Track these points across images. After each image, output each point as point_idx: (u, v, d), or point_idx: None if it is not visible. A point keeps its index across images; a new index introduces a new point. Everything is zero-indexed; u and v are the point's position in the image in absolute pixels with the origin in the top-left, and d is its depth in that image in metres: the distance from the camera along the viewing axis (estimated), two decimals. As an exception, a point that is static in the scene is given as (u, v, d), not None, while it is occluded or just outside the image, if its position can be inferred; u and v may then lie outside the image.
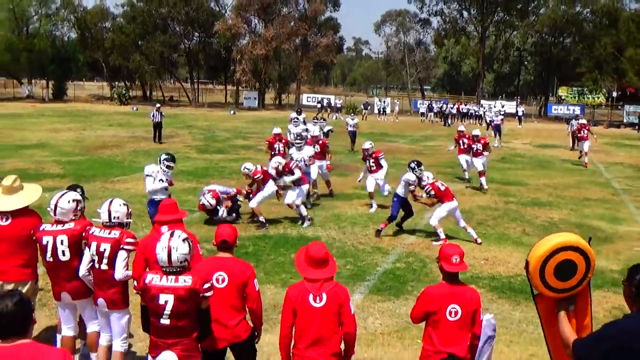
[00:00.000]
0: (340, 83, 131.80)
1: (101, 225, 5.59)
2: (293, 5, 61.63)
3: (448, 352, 4.54)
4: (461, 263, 4.65)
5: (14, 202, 5.86)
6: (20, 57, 61.57)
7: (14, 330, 3.05)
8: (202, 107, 57.05)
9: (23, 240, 5.84)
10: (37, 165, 18.46)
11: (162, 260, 4.31)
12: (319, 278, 4.45)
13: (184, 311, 4.29)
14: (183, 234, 4.44)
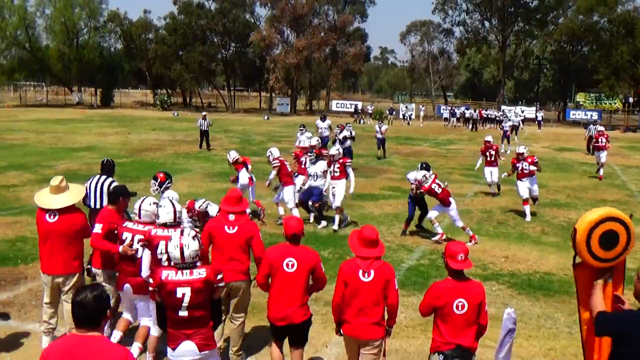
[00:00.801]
0: (367, 90, 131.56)
1: (163, 225, 5.69)
2: (323, 16, 61.86)
3: (456, 343, 4.57)
4: (466, 260, 4.66)
5: (61, 201, 6.02)
6: (71, 66, 62.85)
7: (89, 321, 3.09)
8: (237, 113, 57.44)
9: (70, 236, 6.03)
10: (86, 166, 18.77)
11: (175, 257, 4.41)
12: (369, 256, 4.78)
13: (200, 302, 4.38)
14: (192, 232, 4.54)
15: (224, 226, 5.73)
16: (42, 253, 6.11)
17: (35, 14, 62.97)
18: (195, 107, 64.21)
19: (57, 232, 5.98)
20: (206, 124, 24.57)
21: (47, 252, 6.03)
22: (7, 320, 6.96)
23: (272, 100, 63.64)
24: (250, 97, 76.58)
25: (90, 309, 3.08)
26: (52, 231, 5.98)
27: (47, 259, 6.05)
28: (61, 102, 64.65)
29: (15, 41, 61.07)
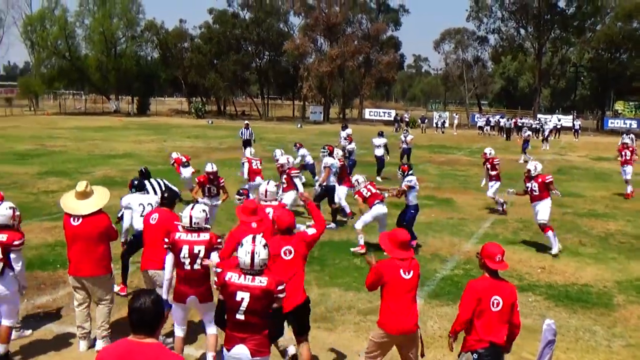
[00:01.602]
0: (400, 98, 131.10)
1: (184, 229, 5.72)
2: (357, 25, 62.00)
3: (489, 340, 4.67)
4: (503, 261, 4.81)
5: (87, 206, 6.18)
6: (109, 75, 64.15)
7: (147, 327, 3.09)
8: (271, 121, 57.80)
9: (95, 238, 6.17)
10: (123, 173, 19.08)
11: (244, 263, 4.45)
12: (407, 257, 5.17)
13: (257, 309, 4.41)
14: (263, 240, 4.58)
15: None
16: (69, 256, 6.28)
17: (75, 24, 64.65)
18: (229, 115, 64.87)
19: (82, 235, 6.13)
20: (248, 133, 24.48)
21: (74, 255, 6.19)
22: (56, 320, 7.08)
23: (305, 108, 63.90)
24: (283, 105, 77.03)
25: (150, 314, 3.08)
26: (78, 234, 6.14)
27: (74, 262, 6.21)
28: (99, 110, 65.99)
29: (56, 51, 62.66)
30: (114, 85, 66.32)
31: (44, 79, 63.47)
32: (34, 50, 64.91)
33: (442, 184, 18.87)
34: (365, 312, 7.61)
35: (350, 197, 12.45)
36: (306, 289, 8.19)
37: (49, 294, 8.07)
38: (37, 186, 16.40)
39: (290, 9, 62.05)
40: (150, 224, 6.29)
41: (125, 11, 63.78)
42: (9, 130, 35.82)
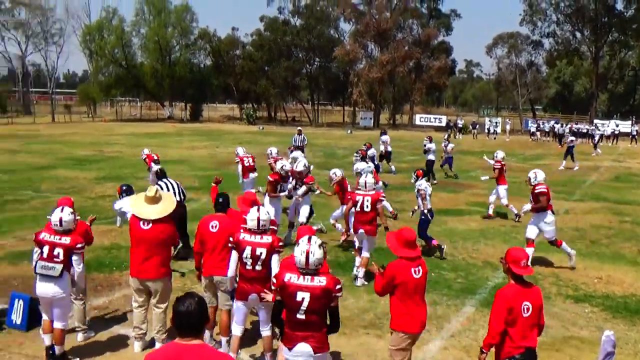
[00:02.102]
0: (452, 104, 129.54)
1: (248, 231, 5.86)
2: (407, 30, 61.67)
3: (525, 345, 4.72)
4: (528, 266, 4.86)
5: (158, 211, 6.40)
6: (163, 83, 65.67)
7: (194, 329, 3.15)
8: (321, 127, 58.01)
9: (161, 242, 6.41)
10: (176, 178, 19.38)
11: (300, 262, 4.54)
12: (414, 256, 5.27)
13: (317, 308, 4.50)
14: (318, 240, 4.66)
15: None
16: (133, 258, 6.46)
17: (131, 33, 66.51)
18: (280, 121, 65.43)
19: (149, 239, 6.34)
20: (300, 139, 24.57)
21: (138, 258, 6.38)
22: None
23: (355, 114, 63.89)
24: (333, 111, 77.19)
25: (196, 316, 3.14)
26: (145, 238, 6.35)
27: (138, 265, 6.39)
28: (153, 116, 67.63)
29: (113, 59, 64.58)
30: (168, 92, 67.83)
31: (102, 86, 65.49)
32: (93, 59, 67.00)
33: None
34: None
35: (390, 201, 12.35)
36: (355, 296, 8.20)
37: (105, 295, 8.30)
38: (94, 191, 16.90)
39: (341, 15, 62.17)
40: (211, 232, 6.38)
41: (179, 20, 65.22)
42: (69, 137, 37.08)
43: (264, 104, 71.68)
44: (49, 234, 6.05)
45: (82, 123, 54.76)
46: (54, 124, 53.46)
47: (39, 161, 23.80)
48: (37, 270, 5.99)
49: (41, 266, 5.96)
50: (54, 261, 5.95)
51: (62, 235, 6.05)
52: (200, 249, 6.52)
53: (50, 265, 5.94)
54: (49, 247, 5.97)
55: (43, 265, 5.95)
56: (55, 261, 5.94)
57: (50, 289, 5.97)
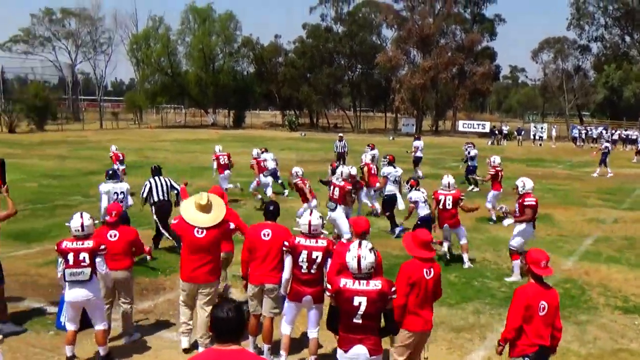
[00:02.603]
0: (496, 110, 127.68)
1: (303, 235, 5.98)
2: (450, 36, 61.09)
3: (539, 344, 4.91)
4: (548, 267, 5.01)
5: (211, 219, 6.57)
6: (207, 90, 66.72)
7: (232, 335, 3.21)
8: (363, 133, 57.90)
9: (213, 248, 6.58)
10: (218, 184, 19.70)
11: (352, 267, 4.60)
12: (428, 257, 5.36)
13: (373, 312, 4.57)
14: (369, 244, 4.72)
15: None
16: (186, 264, 6.57)
17: (176, 42, 67.91)
18: (321, 128, 65.63)
19: (204, 246, 6.49)
20: (341, 145, 24.58)
21: (192, 264, 6.51)
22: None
23: (397, 120, 63.60)
24: (375, 117, 77.00)
25: (234, 322, 3.19)
26: (200, 245, 6.49)
27: (191, 270, 6.52)
28: (197, 123, 68.68)
29: (159, 67, 65.97)
30: (211, 99, 68.80)
31: (148, 94, 66.91)
32: (139, 67, 68.59)
33: (540, 199, 18.08)
34: (459, 329, 7.46)
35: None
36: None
37: (150, 299, 8.46)
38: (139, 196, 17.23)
39: (383, 21, 62.05)
40: (263, 240, 6.42)
41: (223, 28, 66.14)
42: (116, 143, 37.91)
43: (306, 111, 72.00)
44: (70, 242, 6.19)
45: (128, 130, 56.00)
46: (101, 130, 54.83)
47: (87, 167, 24.45)
48: (66, 279, 6.11)
49: (70, 273, 6.08)
50: (81, 266, 6.09)
51: (84, 239, 6.20)
52: (248, 257, 6.54)
53: (78, 270, 6.08)
54: (74, 253, 6.10)
55: (71, 272, 6.08)
56: (82, 266, 6.09)
57: (81, 293, 6.11)
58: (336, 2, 64.61)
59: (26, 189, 17.81)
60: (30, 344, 6.81)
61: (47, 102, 53.52)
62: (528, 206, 9.69)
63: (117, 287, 6.91)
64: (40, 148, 31.67)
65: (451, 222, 10.45)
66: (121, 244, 6.85)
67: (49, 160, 26.78)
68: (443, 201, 10.45)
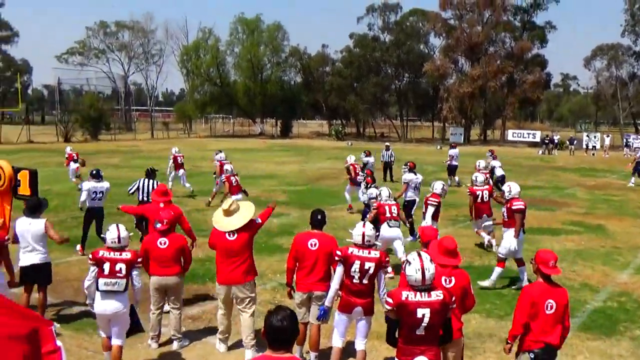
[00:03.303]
0: (546, 119, 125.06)
1: (354, 245, 5.96)
2: (500, 44, 60.20)
3: (545, 341, 5.02)
4: (556, 267, 5.14)
5: (237, 222, 6.75)
6: (255, 100, 67.55)
7: (285, 342, 3.24)
8: (410, 143, 57.58)
9: (247, 248, 6.82)
10: (267, 193, 19.89)
11: (416, 280, 4.57)
12: (449, 264, 5.27)
13: (436, 322, 4.57)
14: (428, 255, 4.72)
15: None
16: (221, 267, 6.77)
17: (225, 52, 69.07)
18: (368, 137, 65.53)
19: (236, 248, 6.69)
20: (388, 155, 24.52)
21: (228, 267, 6.70)
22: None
23: (445, 129, 62.99)
24: (422, 126, 76.45)
25: (288, 331, 3.22)
26: (233, 248, 6.68)
27: (227, 273, 6.70)
28: (245, 132, 69.55)
29: (208, 78, 67.17)
30: (259, 109, 69.62)
31: (197, 104, 68.17)
32: (189, 78, 69.98)
33: (593, 210, 17.68)
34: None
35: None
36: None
37: (198, 306, 8.57)
38: (189, 204, 17.53)
39: (431, 30, 61.70)
40: (310, 250, 6.45)
41: (271, 39, 66.91)
42: (166, 152, 38.66)
43: (352, 120, 72.06)
44: (107, 252, 6.21)
45: (178, 139, 57.10)
46: (152, 140, 56.11)
47: (139, 176, 24.90)
48: (100, 288, 6.09)
49: (104, 283, 6.07)
50: (117, 276, 6.08)
51: (121, 251, 6.24)
52: (293, 266, 6.61)
53: (114, 280, 6.07)
54: (110, 263, 6.09)
55: (106, 281, 6.06)
56: (118, 276, 6.08)
57: (111, 305, 6.07)
58: (384, 11, 64.60)
59: (75, 196, 18.32)
60: (82, 347, 6.99)
61: (101, 113, 55.19)
62: (516, 210, 9.43)
63: (167, 293, 7.04)
64: (94, 157, 32.55)
65: (489, 212, 11.90)
66: (171, 250, 6.96)
67: (103, 169, 27.46)
68: (480, 195, 11.85)
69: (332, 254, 6.24)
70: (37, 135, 49.46)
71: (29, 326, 2.15)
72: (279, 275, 9.87)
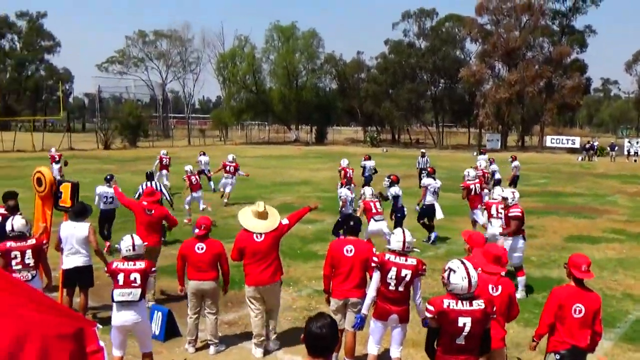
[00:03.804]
0: (586, 124, 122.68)
1: (394, 252, 5.95)
2: (538, 49, 59.37)
3: (571, 343, 5.03)
4: (589, 271, 5.09)
5: (267, 226, 7.06)
6: (290, 107, 67.95)
7: (325, 350, 3.24)
8: (445, 149, 57.10)
9: (272, 251, 7.07)
10: (301, 199, 19.96)
11: (463, 288, 4.51)
12: (496, 272, 5.25)
13: (477, 331, 4.53)
14: (469, 262, 4.68)
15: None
16: (250, 269, 6.98)
17: (261, 60, 69.64)
18: (403, 144, 65.25)
19: (264, 250, 6.95)
20: (424, 161, 24.42)
21: (257, 268, 6.92)
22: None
23: (481, 136, 62.31)
24: (458, 133, 75.74)
25: (328, 339, 3.23)
26: (261, 249, 6.94)
27: (257, 274, 6.91)
28: (280, 139, 69.91)
29: (244, 85, 67.85)
30: (294, 115, 69.97)
31: (233, 111, 68.87)
32: (225, 85, 70.79)
33: (635, 217, 17.26)
34: (547, 352, 7.18)
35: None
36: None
37: (234, 311, 8.65)
38: (225, 210, 17.73)
39: (467, 36, 61.19)
40: (346, 256, 6.46)
41: (307, 46, 67.24)
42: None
43: (387, 127, 71.86)
44: (121, 263, 6.24)
45: (215, 146, 57.71)
46: (189, 146, 56.82)
47: (176, 182, 25.37)
48: (115, 299, 6.08)
49: (119, 293, 6.07)
50: (132, 287, 6.09)
51: (135, 260, 6.27)
52: (330, 272, 6.62)
53: (128, 291, 6.08)
54: (125, 274, 6.11)
55: (121, 292, 6.07)
56: (133, 286, 6.09)
57: (129, 316, 6.07)
58: (419, 17, 64.39)
59: (119, 202, 18.66)
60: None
61: (140, 120, 56.20)
62: (513, 217, 9.33)
63: (204, 298, 7.13)
64: (133, 164, 33.21)
65: (482, 202, 12.54)
66: (208, 256, 7.05)
67: (141, 175, 27.96)
68: (474, 189, 13.23)
69: (367, 260, 6.24)
70: (78, 143, 50.62)
71: (75, 326, 2.22)
72: (314, 281, 9.90)
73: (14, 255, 6.86)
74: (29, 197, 11.05)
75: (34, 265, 6.98)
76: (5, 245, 6.86)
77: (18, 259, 6.87)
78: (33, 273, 6.96)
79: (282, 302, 8.48)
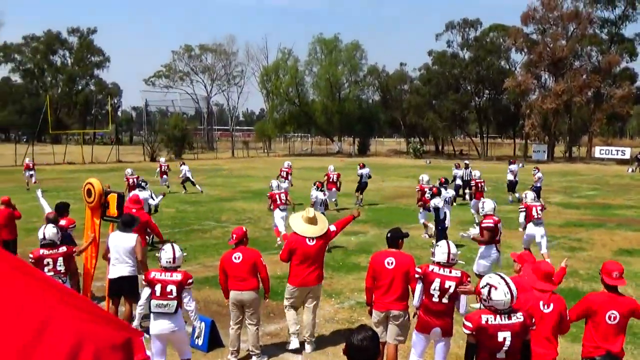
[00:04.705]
0: (637, 135, 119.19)
1: (437, 264, 5.94)
2: (586, 58, 58.09)
3: (606, 348, 5.08)
4: (621, 278, 5.15)
5: (318, 230, 7.56)
6: (333, 118, 68.11)
7: None
8: (490, 160, 56.27)
9: (320, 256, 7.59)
10: (343, 211, 19.94)
11: (505, 303, 4.47)
12: (547, 290, 5.19)
13: (517, 345, 4.49)
14: (508, 277, 4.65)
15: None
16: (298, 270, 7.42)
17: (304, 72, 70.08)
18: (447, 155, 64.62)
19: (314, 253, 7.46)
20: (467, 173, 24.23)
21: (306, 270, 7.39)
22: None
23: (527, 146, 61.22)
24: (503, 144, 74.65)
25: (370, 352, 3.23)
26: (311, 253, 7.44)
27: (305, 276, 7.38)
28: (323, 151, 70.14)
29: (287, 97, 68.39)
30: (337, 127, 70.15)
31: (277, 123, 69.49)
32: (269, 98, 71.54)
33: (690, 231, 16.66)
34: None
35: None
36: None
37: (276, 322, 8.70)
38: (268, 222, 17.86)
39: (512, 45, 60.29)
40: (387, 269, 6.45)
41: (350, 58, 67.41)
42: (246, 171, 39.70)
43: (431, 138, 71.37)
44: (158, 273, 6.30)
45: (258, 158, 58.34)
46: (233, 158, 57.57)
47: (219, 194, 25.73)
48: (152, 309, 6.17)
49: (156, 304, 6.14)
50: (167, 298, 6.15)
51: (172, 271, 6.32)
52: (372, 285, 6.61)
53: (164, 302, 6.14)
54: (162, 285, 6.17)
55: (158, 303, 6.14)
56: (169, 298, 6.15)
57: (167, 325, 6.14)
58: (463, 27, 63.89)
59: (165, 213, 19.03)
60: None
61: (185, 133, 57.29)
62: (485, 228, 9.40)
63: (245, 308, 7.20)
64: (177, 175, 33.76)
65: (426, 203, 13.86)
66: (246, 265, 7.07)
67: (186, 187, 28.49)
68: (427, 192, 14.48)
69: (409, 272, 6.23)
70: (126, 155, 51.85)
71: (124, 336, 2.28)
72: (356, 293, 9.88)
73: (47, 262, 7.15)
74: (79, 207, 11.39)
75: (65, 271, 7.29)
76: (38, 252, 7.19)
77: (50, 266, 7.15)
78: (64, 279, 7.21)
79: (324, 313, 8.51)
